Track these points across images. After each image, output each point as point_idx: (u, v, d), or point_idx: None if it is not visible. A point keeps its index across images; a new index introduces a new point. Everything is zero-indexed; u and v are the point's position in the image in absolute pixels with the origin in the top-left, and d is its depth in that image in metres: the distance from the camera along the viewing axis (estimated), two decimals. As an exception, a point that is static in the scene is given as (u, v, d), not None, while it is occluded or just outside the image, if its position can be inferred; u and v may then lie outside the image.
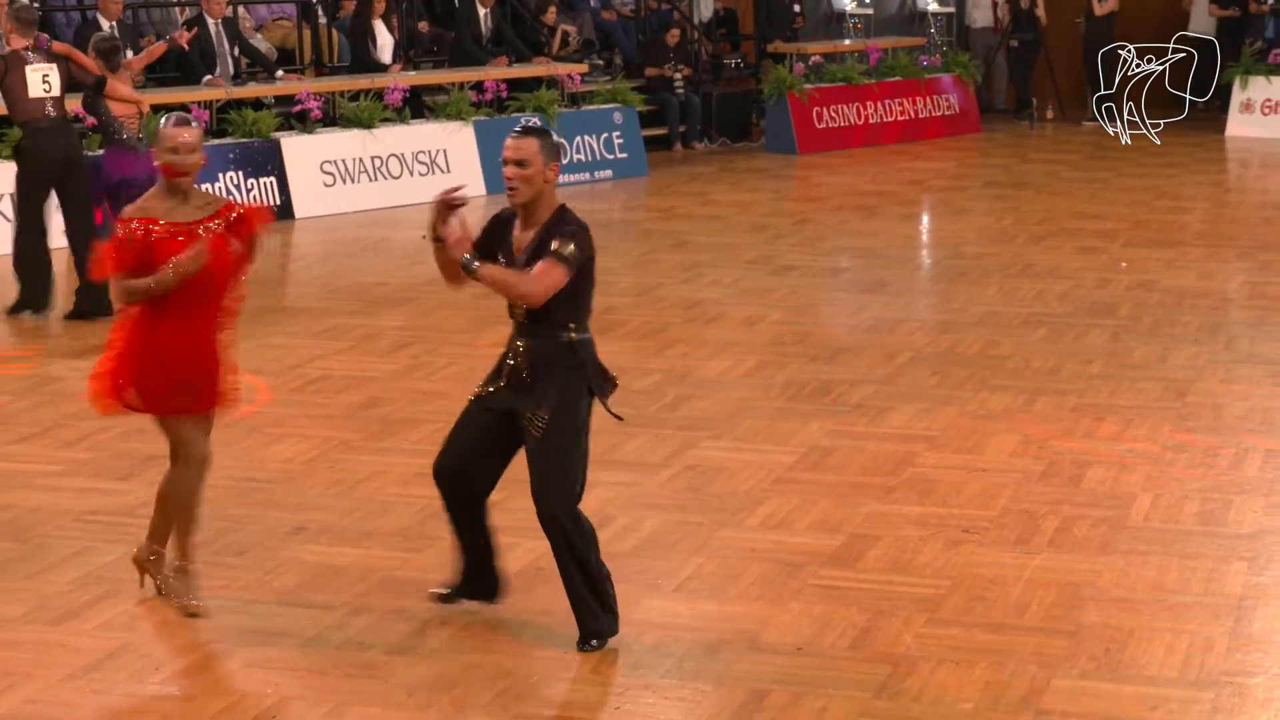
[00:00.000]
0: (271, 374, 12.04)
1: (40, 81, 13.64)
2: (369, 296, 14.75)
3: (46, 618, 7.87)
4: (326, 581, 8.27)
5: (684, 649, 7.48)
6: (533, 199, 7.45)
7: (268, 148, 18.84)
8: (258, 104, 19.52)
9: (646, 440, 10.51)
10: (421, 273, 15.80)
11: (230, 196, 18.20)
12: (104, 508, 9.37)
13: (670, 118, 24.22)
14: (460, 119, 20.65)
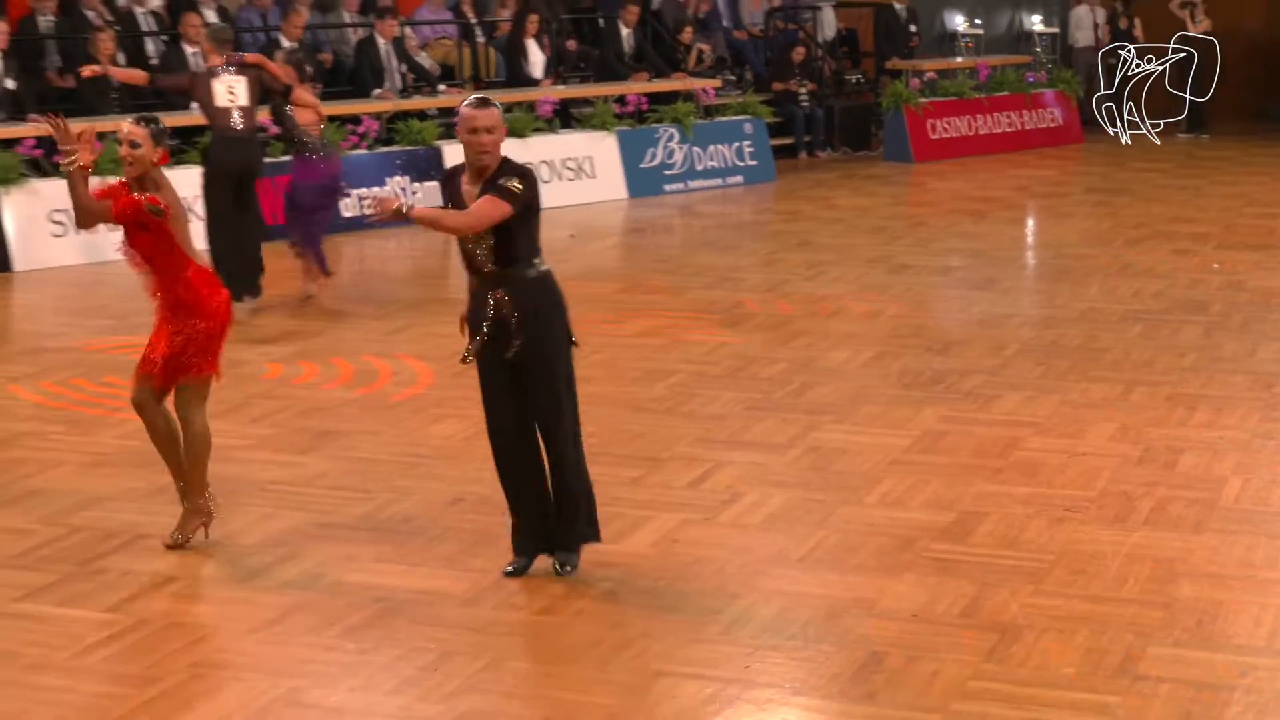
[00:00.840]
0: (434, 360, 12.11)
1: (226, 92, 13.80)
2: (521, 290, 14.77)
3: (234, 576, 7.96)
4: (483, 548, 8.31)
5: (808, 614, 7.46)
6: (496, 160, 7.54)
7: (431, 154, 18.95)
8: (422, 115, 19.63)
9: (773, 423, 10.50)
10: (569, 268, 15.83)
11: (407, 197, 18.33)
12: (284, 478, 9.46)
13: (796, 128, 24.14)
14: (604, 129, 20.67)
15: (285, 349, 12.59)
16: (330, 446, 10.09)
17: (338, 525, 8.66)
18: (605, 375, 11.70)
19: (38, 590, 7.80)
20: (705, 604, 7.59)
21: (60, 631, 7.31)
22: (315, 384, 11.55)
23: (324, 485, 9.36)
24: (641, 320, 13.49)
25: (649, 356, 12.26)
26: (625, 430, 10.37)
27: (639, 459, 9.79)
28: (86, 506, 8.88)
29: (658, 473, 9.55)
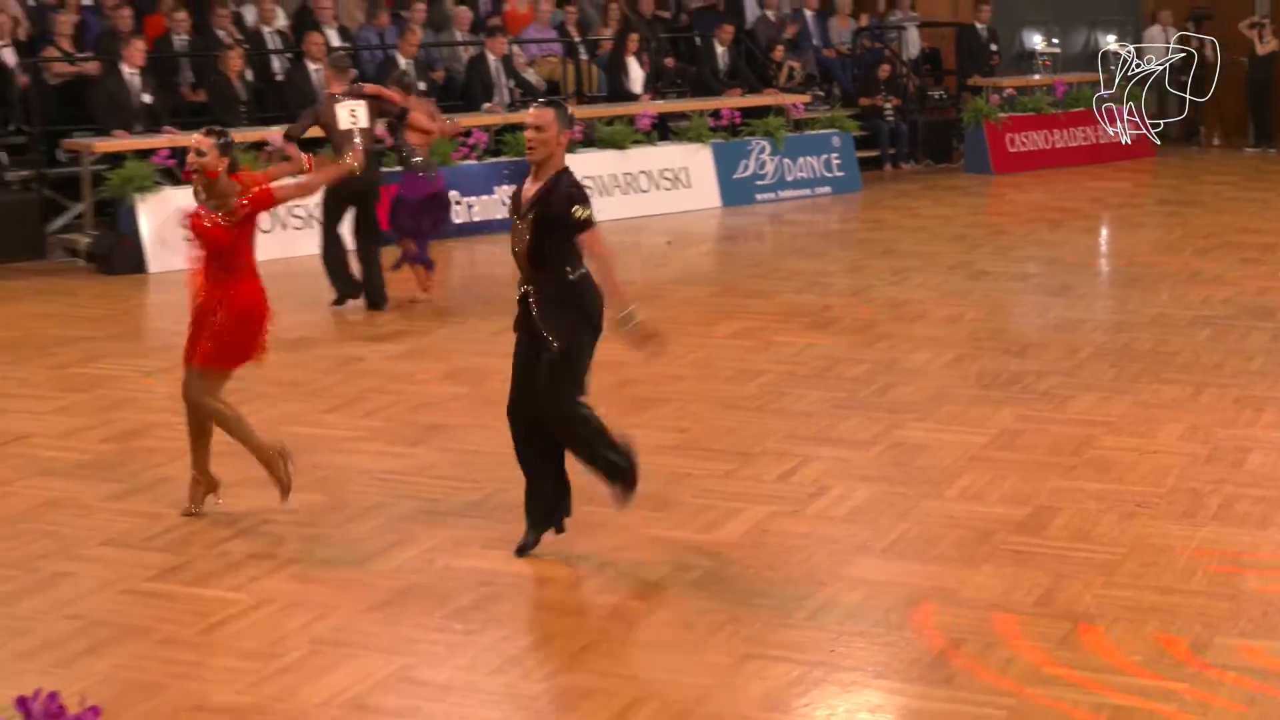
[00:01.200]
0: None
1: (348, 115, 13.93)
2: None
3: (350, 559, 8.02)
4: (584, 535, 8.33)
5: (890, 602, 7.44)
6: (546, 158, 7.74)
7: (536, 165, 19.01)
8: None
9: (858, 421, 10.46)
10: (665, 273, 15.85)
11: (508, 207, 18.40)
12: (396, 469, 9.51)
13: (881, 141, 24.04)
14: (700, 141, 20.65)
15: (397, 347, 12.67)
16: (439, 439, 10.14)
17: (447, 513, 8.70)
18: (699, 374, 11.70)
19: (168, 570, 7.88)
20: (793, 591, 7.58)
21: (189, 609, 7.39)
22: (425, 380, 11.61)
23: (433, 475, 9.41)
24: (734, 322, 13.48)
25: (741, 357, 12.25)
26: (718, 426, 10.36)
27: (731, 454, 9.78)
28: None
29: (749, 467, 9.55)
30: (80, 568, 7.92)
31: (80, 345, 12.75)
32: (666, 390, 11.24)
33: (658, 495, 8.99)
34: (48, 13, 18.78)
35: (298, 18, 20.35)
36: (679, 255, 17.15)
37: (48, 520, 8.64)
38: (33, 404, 10.97)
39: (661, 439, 10.07)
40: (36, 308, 14.30)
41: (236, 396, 10.86)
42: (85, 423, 10.47)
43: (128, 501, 8.94)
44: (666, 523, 8.55)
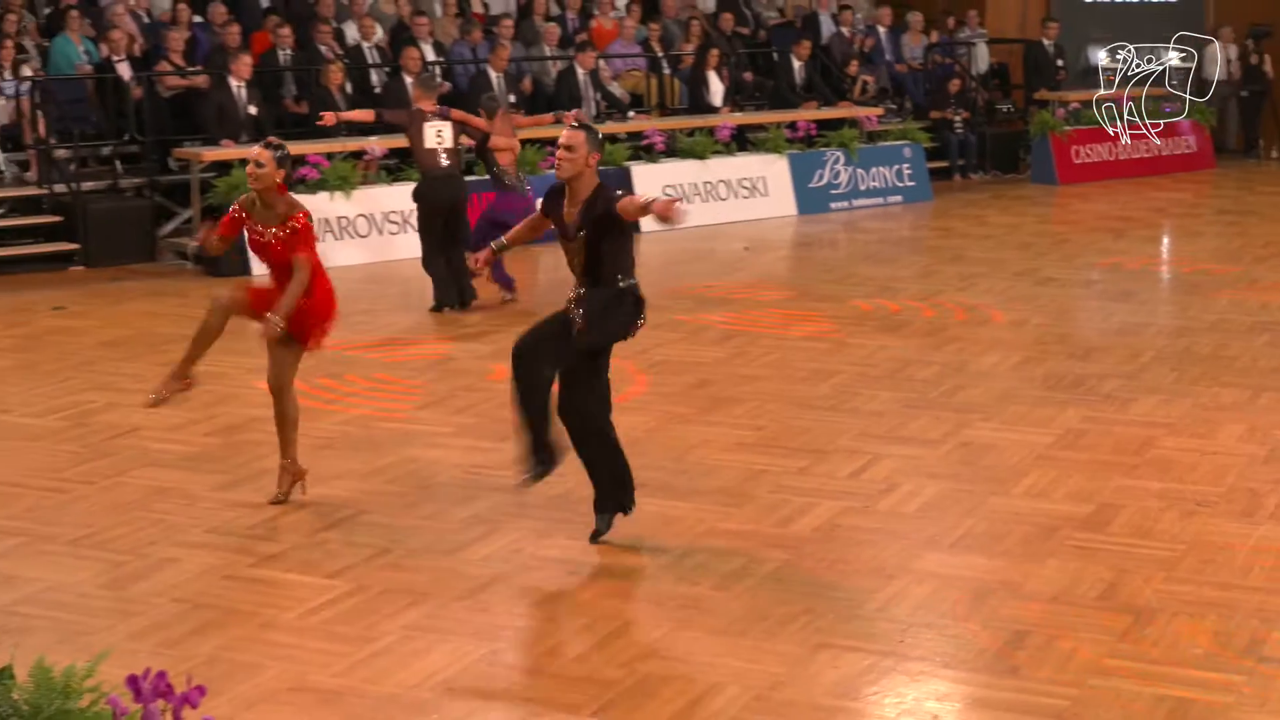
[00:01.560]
0: (621, 358, 11.99)
1: (434, 135, 14.03)
2: (700, 296, 14.79)
3: (441, 549, 8.03)
4: (663, 528, 8.32)
5: (957, 595, 7.38)
6: (575, 176, 7.80)
7: (620, 174, 18.97)
8: (613, 138, 19.68)
9: (927, 420, 10.39)
10: (743, 277, 15.81)
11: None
12: (485, 463, 9.52)
13: (951, 153, 23.90)
14: (777, 152, 20.59)
15: (486, 347, 12.68)
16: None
17: (533, 506, 8.70)
18: (775, 374, 11.66)
19: (269, 558, 7.93)
20: (864, 584, 7.53)
21: (288, 594, 7.42)
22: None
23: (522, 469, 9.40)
24: (809, 325, 13.42)
25: (815, 358, 12.19)
26: (793, 425, 10.32)
27: (805, 451, 9.74)
28: (312, 485, 9.00)
29: (822, 464, 9.50)
30: (186, 554, 7.97)
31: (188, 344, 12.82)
32: (743, 390, 11.20)
33: (734, 490, 8.96)
34: (161, 29, 18.95)
35: (395, 33, 20.43)
36: (756, 260, 17.10)
37: (156, 509, 8.70)
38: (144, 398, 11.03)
39: (738, 436, 10.04)
40: (148, 307, 14.43)
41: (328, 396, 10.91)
42: (192, 417, 10.54)
43: (231, 492, 9.00)
44: (742, 517, 8.52)
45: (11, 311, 14.22)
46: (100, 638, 6.85)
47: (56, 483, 9.18)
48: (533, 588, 7.53)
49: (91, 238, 16.58)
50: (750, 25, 24.41)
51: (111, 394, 11.18)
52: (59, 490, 9.04)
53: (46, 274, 16.22)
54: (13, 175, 17.36)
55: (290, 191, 8.66)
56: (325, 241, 16.22)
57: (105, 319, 13.87)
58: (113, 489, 9.06)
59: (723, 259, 17.22)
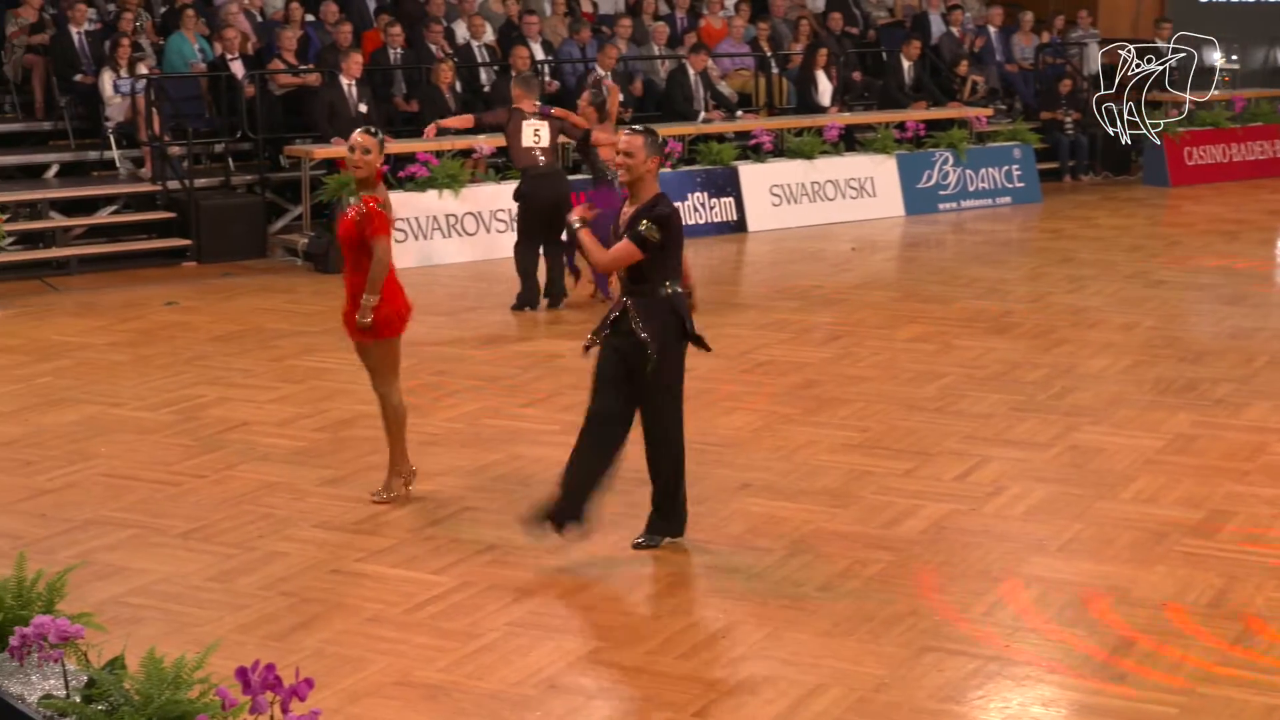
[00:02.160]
0: (726, 357, 12.12)
1: (532, 134, 14.05)
2: (806, 296, 14.75)
3: (546, 546, 8.05)
4: (768, 529, 8.30)
5: (1064, 599, 7.31)
6: (635, 181, 7.86)
7: (728, 174, 18.97)
8: (721, 138, 19.67)
9: (1036, 423, 10.30)
10: (849, 278, 15.75)
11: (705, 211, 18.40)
12: (591, 461, 9.52)
13: (1061, 154, 23.68)
14: (885, 152, 20.48)
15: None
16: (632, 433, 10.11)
17: (638, 505, 8.69)
18: (882, 376, 11.60)
19: (377, 553, 7.98)
20: (969, 587, 7.48)
21: (395, 590, 7.47)
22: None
23: (626, 468, 9.38)
24: (916, 326, 13.34)
25: (922, 359, 12.12)
26: (899, 426, 10.27)
27: (911, 453, 9.69)
28: (419, 480, 9.06)
29: (928, 466, 9.45)
30: (294, 548, 8.05)
31: (297, 339, 12.97)
32: (850, 391, 11.16)
33: (840, 491, 8.93)
34: (274, 28, 19.16)
35: (504, 32, 20.54)
36: (864, 261, 17.03)
37: (265, 503, 8.80)
38: (253, 393, 11.17)
39: (844, 437, 10.01)
40: (258, 303, 14.58)
41: (434, 394, 10.97)
42: (301, 412, 10.64)
43: (339, 487, 9.08)
44: (848, 518, 8.49)
45: (125, 306, 14.42)
46: (209, 629, 6.94)
47: (168, 476, 9.30)
48: (637, 586, 7.54)
49: (204, 234, 16.78)
50: (859, 25, 24.31)
51: (222, 388, 11.31)
52: (170, 483, 9.16)
53: (159, 269, 16.43)
54: (127, 172, 17.63)
55: (391, 188, 8.78)
56: (433, 239, 16.33)
57: (216, 314, 14.04)
58: (222, 483, 9.16)
59: (830, 259, 17.16)
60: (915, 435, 10.07)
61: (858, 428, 10.26)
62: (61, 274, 15.99)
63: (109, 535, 8.24)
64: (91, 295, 14.96)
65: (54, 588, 5.41)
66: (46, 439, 10.05)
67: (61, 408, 10.80)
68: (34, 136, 18.44)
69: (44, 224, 16.48)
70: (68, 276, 15.90)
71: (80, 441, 10.00)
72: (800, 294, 14.88)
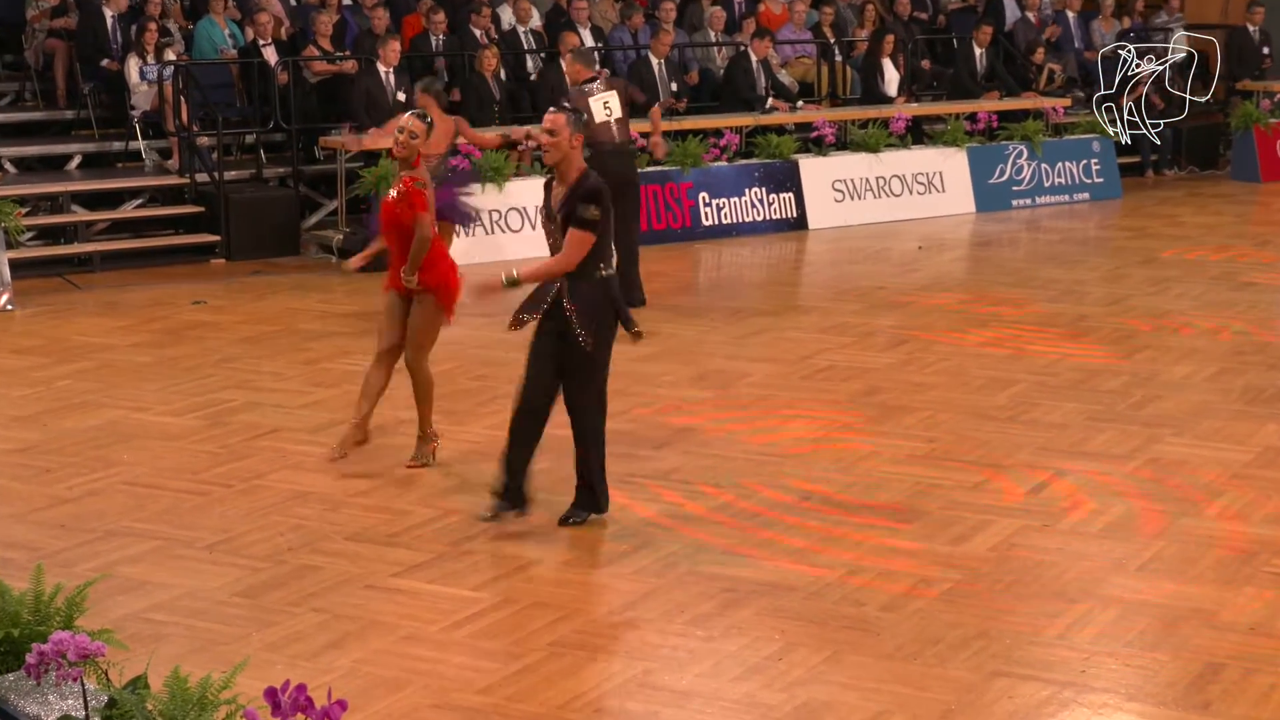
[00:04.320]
0: (785, 363, 12.11)
1: (602, 108, 13.93)
2: (870, 298, 14.71)
3: (592, 562, 8.06)
4: (828, 545, 8.29)
5: (1145, 622, 7.27)
6: (561, 160, 8.31)
7: (788, 168, 18.95)
8: (780, 129, 19.64)
9: (1115, 434, 10.25)
10: (917, 279, 15.71)
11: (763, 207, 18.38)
12: (641, 471, 9.54)
13: (1143, 147, 23.55)
14: (955, 145, 20.42)
15: (645, 348, 12.67)
16: (685, 442, 10.16)
17: (690, 517, 8.71)
18: (950, 383, 11.57)
19: (413, 567, 8.00)
20: (1042, 608, 7.45)
21: (432, 606, 7.49)
22: (672, 383, 11.63)
23: (677, 479, 9.43)
24: (986, 330, 13.30)
25: (993, 366, 12.08)
26: (968, 437, 10.23)
27: (981, 465, 9.65)
28: (459, 491, 9.09)
29: (999, 479, 9.41)
30: (326, 562, 8.08)
31: (331, 340, 13.02)
32: (915, 399, 11.13)
33: (904, 506, 8.91)
34: (309, 12, 19.22)
35: (551, 18, 20.57)
36: (931, 261, 16.98)
37: (296, 514, 8.83)
38: (285, 398, 11.22)
39: (909, 448, 9.98)
40: (291, 302, 14.64)
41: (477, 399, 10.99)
42: (335, 418, 10.68)
43: (374, 497, 9.10)
44: (913, 534, 8.47)
45: (151, 305, 14.51)
46: (236, 647, 6.97)
47: (193, 484, 9.35)
48: (687, 604, 7.53)
49: (234, 229, 16.85)
50: (928, 10, 24.24)
51: (251, 392, 11.37)
52: (196, 492, 9.20)
53: (187, 266, 16.52)
54: (154, 163, 17.73)
55: None
56: (475, 236, 16.35)
57: (247, 314, 14.11)
58: (251, 492, 9.20)
59: (895, 259, 17.11)
60: (985, 446, 10.03)
61: (924, 438, 10.23)
62: (84, 271, 16.09)
63: (131, 547, 8.29)
64: (115, 294, 15.05)
65: (73, 602, 5.44)
66: (66, 445, 10.12)
67: (83, 412, 10.87)
68: (56, 126, 18.58)
69: (65, 218, 16.58)
70: (90, 274, 16.00)
71: (102, 448, 10.06)
72: (863, 296, 14.84)
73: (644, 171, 16.84)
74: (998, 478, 9.43)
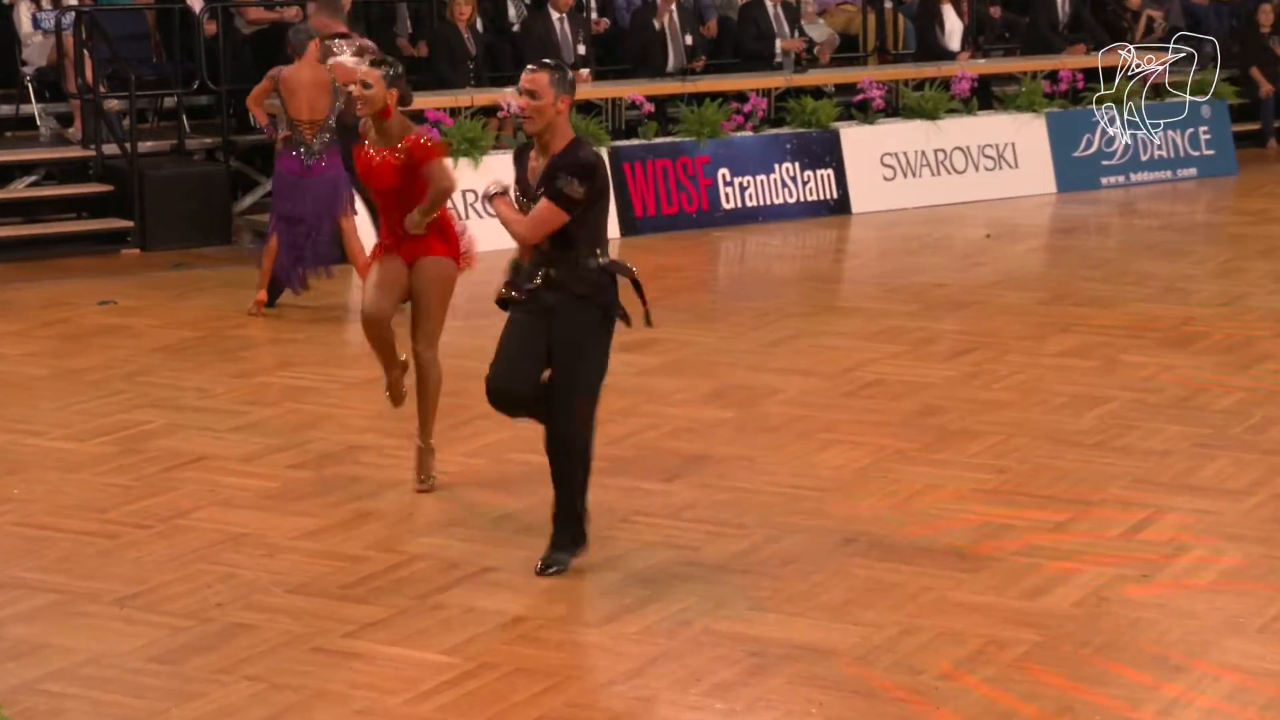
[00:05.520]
0: (823, 376, 12.13)
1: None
2: (927, 297, 14.74)
3: (589, 619, 8.06)
4: (876, 598, 8.29)
5: (1268, 697, 7.27)
6: (544, 128, 8.29)
7: (826, 138, 18.98)
8: (818, 92, 19.67)
9: (1228, 464, 10.26)
10: (984, 274, 15.74)
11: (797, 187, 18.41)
12: (648, 508, 9.55)
13: (1264, 113, 23.60)
14: (1032, 110, 20.48)
15: (652, 358, 12.71)
16: (701, 473, 10.16)
17: (707, 565, 8.71)
18: (1024, 401, 11.58)
19: (370, 625, 8.01)
20: (1141, 677, 7.45)
21: (393, 674, 7.49)
22: (685, 400, 11.65)
23: (692, 518, 9.43)
24: (1069, 337, 13.31)
25: (1077, 380, 12.09)
26: (1048, 466, 10.24)
27: (1063, 501, 9.66)
28: (427, 532, 9.09)
29: (1086, 518, 9.41)
30: (263, 619, 8.08)
31: (270, 349, 13.04)
32: (982, 420, 11.14)
33: (970, 551, 8.91)
34: (240, -52, 19.26)
35: (537, -44, 20.63)
36: (1001, 252, 17.01)
37: (226, 560, 8.83)
38: (213, 419, 11.23)
39: (976, 481, 9.98)
40: (219, 302, 14.65)
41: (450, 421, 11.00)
42: (273, 443, 10.69)
43: (323, 540, 9.11)
44: (980, 586, 8.47)
45: (48, 305, 14.53)
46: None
47: (100, 525, 9.36)
48: (704, 671, 7.53)
49: (150, 213, 16.87)
50: (999, -55, 24.31)
51: (171, 412, 11.39)
52: (103, 534, 9.21)
53: (92, 258, 16.56)
54: (51, 132, 17.70)
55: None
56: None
57: (165, 317, 14.13)
58: (171, 534, 9.21)
59: (959, 249, 17.14)
60: (1069, 478, 10.04)
61: (993, 468, 10.24)
62: (-34, 264, 16.14)
63: (22, 602, 8.29)
64: (2, 291, 15.08)
65: (-48, 669, 5.43)
66: (-55, 476, 10.15)
67: (-35, 436, 10.90)
68: (-76, 86, 18.59)
69: (-57, 200, 16.63)
70: (-26, 267, 16.05)
71: (-11, 480, 10.08)
72: (919, 294, 14.86)
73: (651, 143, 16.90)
74: (1084, 517, 9.43)
